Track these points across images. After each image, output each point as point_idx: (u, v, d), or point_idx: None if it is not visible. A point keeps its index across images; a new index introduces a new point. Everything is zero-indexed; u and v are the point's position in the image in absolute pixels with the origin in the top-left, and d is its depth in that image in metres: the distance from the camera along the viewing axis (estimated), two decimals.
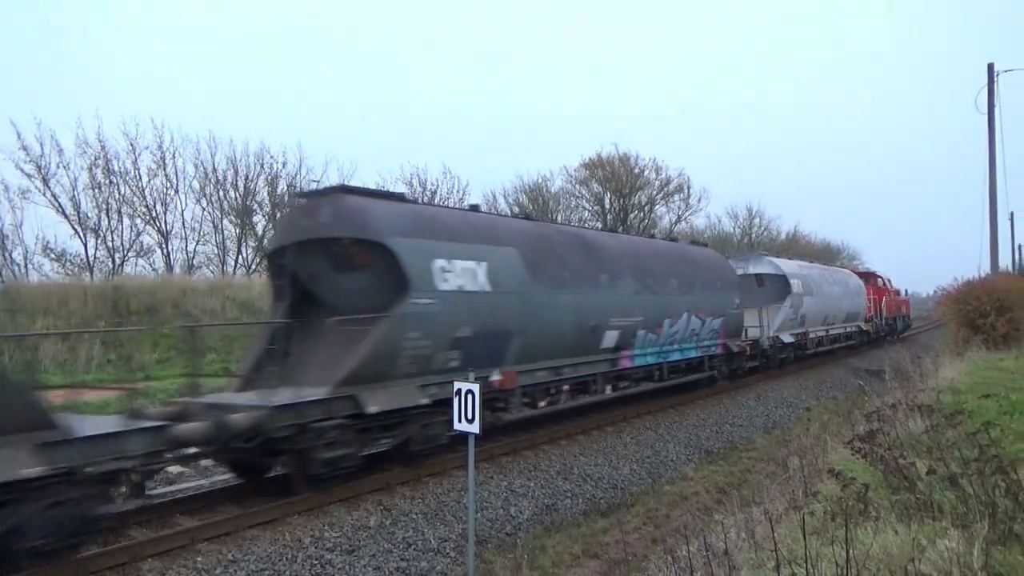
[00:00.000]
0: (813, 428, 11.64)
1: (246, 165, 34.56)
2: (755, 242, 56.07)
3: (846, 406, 15.11)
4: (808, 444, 9.30)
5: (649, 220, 47.92)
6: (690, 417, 15.84)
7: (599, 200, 47.36)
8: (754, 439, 14.85)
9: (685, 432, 14.57)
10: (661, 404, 16.31)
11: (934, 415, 6.23)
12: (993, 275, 23.71)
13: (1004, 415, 8.36)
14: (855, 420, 9.84)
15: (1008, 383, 11.13)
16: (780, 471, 8.65)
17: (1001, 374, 12.83)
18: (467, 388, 6.88)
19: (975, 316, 19.64)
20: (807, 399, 19.95)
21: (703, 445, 13.94)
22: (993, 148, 23.91)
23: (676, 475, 11.99)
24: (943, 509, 4.58)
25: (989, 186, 24.11)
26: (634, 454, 12.62)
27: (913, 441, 6.60)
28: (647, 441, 13.51)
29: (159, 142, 32.91)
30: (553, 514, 9.73)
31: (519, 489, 10.14)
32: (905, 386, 12.14)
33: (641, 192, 47.45)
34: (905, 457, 5.48)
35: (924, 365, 14.77)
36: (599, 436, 13.32)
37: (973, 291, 20.93)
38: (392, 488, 9.44)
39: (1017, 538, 4.19)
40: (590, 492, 10.69)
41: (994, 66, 23.99)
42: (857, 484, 4.80)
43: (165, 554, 7.03)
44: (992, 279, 22.72)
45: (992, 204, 24.11)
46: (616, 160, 46.78)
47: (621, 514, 9.85)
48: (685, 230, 50.37)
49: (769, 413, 17.62)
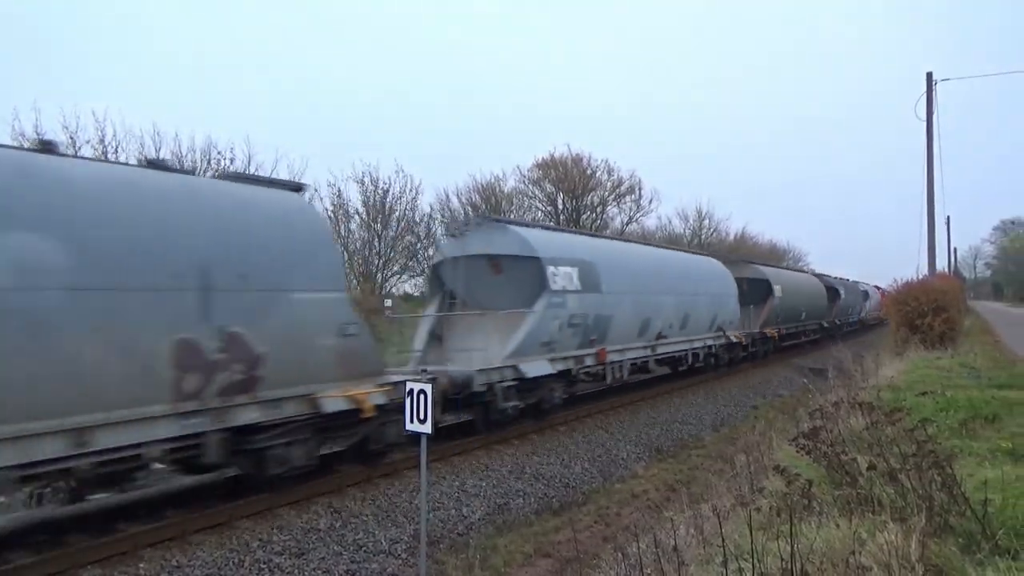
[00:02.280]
0: (760, 426, 11.89)
1: (192, 160, 33.75)
2: (704, 243, 57.01)
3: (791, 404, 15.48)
4: (755, 442, 9.50)
5: (601, 221, 48.36)
6: (641, 416, 16.04)
7: (552, 200, 47.60)
8: (703, 437, 15.10)
9: (636, 431, 14.75)
10: (612, 403, 16.50)
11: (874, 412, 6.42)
12: (931, 276, 24.46)
13: (940, 412, 8.66)
14: (800, 418, 10.09)
15: (944, 381, 11.53)
16: (728, 468, 8.82)
17: (938, 372, 13.27)
18: (419, 388, 6.80)
19: (914, 316, 20.24)
20: (754, 398, 20.38)
21: (653, 443, 14.13)
22: (931, 154, 24.70)
23: (627, 473, 12.12)
24: (883, 503, 4.72)
25: (927, 191, 24.97)
26: (586, 453, 12.72)
27: (855, 438, 6.79)
28: (599, 440, 13.63)
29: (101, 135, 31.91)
30: (505, 513, 9.74)
31: (471, 489, 10.13)
32: (847, 384, 12.47)
33: (593, 193, 47.87)
34: (847, 453, 5.63)
35: (866, 364, 15.19)
36: (552, 435, 13.39)
37: (912, 292, 21.55)
38: (343, 490, 9.35)
39: (952, 530, 4.35)
40: (542, 491, 10.74)
41: (932, 75, 24.78)
42: (801, 480, 4.92)
43: (106, 561, 6.83)
44: (929, 280, 23.43)
45: (930, 208, 24.98)
46: (569, 160, 47.08)
47: (573, 513, 9.92)
48: (636, 231, 51.01)
49: (718, 411, 17.95)
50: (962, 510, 4.44)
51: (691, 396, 19.08)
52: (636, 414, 16.18)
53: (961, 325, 23.75)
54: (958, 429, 7.87)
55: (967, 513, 4.38)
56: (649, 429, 15.10)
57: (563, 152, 47.33)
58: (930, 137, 24.64)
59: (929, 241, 25.57)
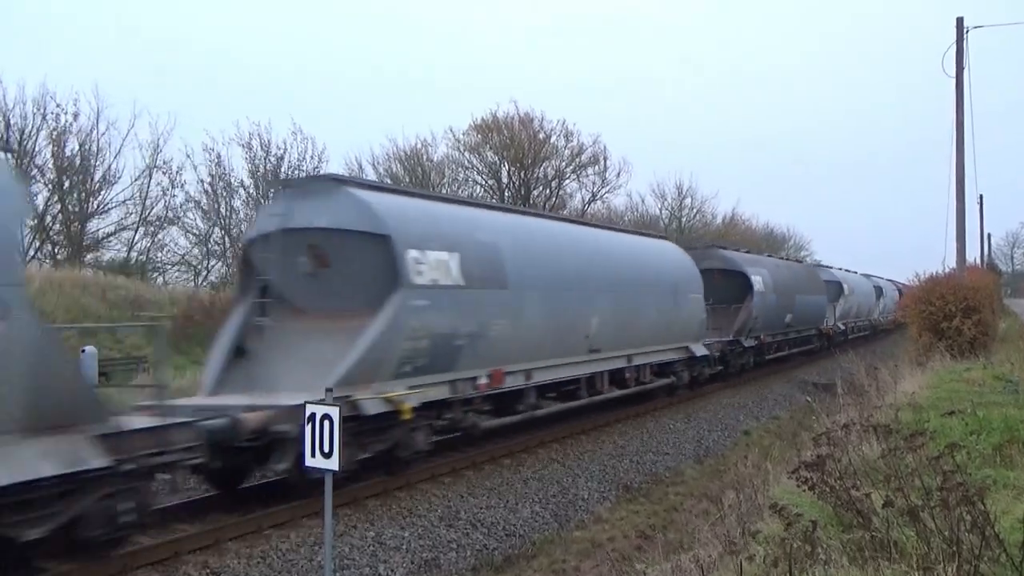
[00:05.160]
0: (753, 455, 12.13)
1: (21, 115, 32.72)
2: (686, 227, 57.91)
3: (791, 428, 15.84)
4: (747, 475, 9.68)
5: (557, 198, 48.60)
6: (606, 445, 16.19)
7: (495, 172, 47.62)
8: (683, 470, 15.33)
9: (599, 464, 14.88)
10: (570, 429, 16.59)
11: (892, 437, 6.61)
12: (959, 270, 24.94)
13: (970, 435, 8.96)
14: (801, 444, 10.32)
15: (975, 397, 11.91)
16: (714, 508, 8.96)
17: (968, 386, 13.70)
18: (323, 412, 6.75)
19: (939, 318, 20.84)
20: (746, 420, 20.78)
21: (621, 479, 14.28)
22: (961, 118, 25.15)
23: (588, 517, 12.21)
24: (902, 549, 4.85)
25: (956, 164, 25.19)
26: (536, 492, 12.78)
27: (868, 468, 6.98)
28: (552, 476, 13.71)
29: None
30: (435, 571, 9.72)
31: (390, 541, 10.07)
32: (859, 403, 12.81)
33: (547, 163, 48.01)
34: (859, 488, 5.78)
35: (881, 377, 15.62)
36: (492, 471, 13.40)
37: (937, 288, 22.15)
38: (221, 544, 9.18)
39: None
40: (481, 541, 10.74)
41: (963, 21, 25.33)
42: (803, 521, 5.03)
43: None
44: (958, 274, 24.03)
45: (959, 185, 25.22)
46: (516, 122, 47.09)
47: (520, 568, 9.94)
48: (601, 211, 51.44)
49: (701, 438, 18.25)
50: (996, 555, 4.58)
51: (668, 419, 19.35)
52: (600, 442, 16.32)
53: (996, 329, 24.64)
54: (992, 456, 8.14)
55: (1002, 559, 4.53)
56: (616, 461, 15.25)
57: (509, 111, 47.29)
58: (960, 96, 25.09)
59: (958, 227, 25.59)
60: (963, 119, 25.17)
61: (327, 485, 6.94)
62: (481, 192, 46.76)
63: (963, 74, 25.20)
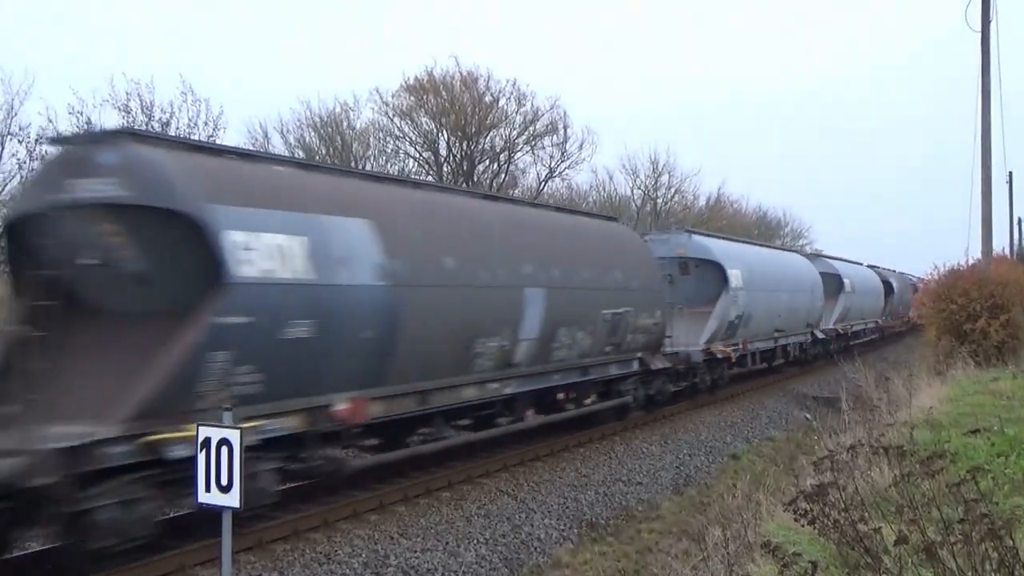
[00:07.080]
0: (742, 484, 12.25)
1: None
2: (662, 210, 58.33)
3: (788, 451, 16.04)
4: (735, 507, 9.78)
5: (507, 175, 48.56)
6: (566, 473, 16.22)
7: (431, 143, 47.38)
8: (659, 503, 15.43)
9: (558, 496, 14.91)
10: (522, 455, 16.59)
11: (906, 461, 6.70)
12: (985, 261, 25.29)
13: (998, 457, 9.14)
14: (800, 471, 10.44)
15: (1003, 412, 12.14)
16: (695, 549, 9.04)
17: (994, 399, 13.96)
18: (220, 437, 6.70)
19: (961, 319, 21.16)
20: (734, 442, 20.99)
21: (585, 514, 14.33)
22: (987, 83, 25.50)
23: (545, 561, 12.24)
24: None
25: (982, 136, 25.37)
26: (482, 532, 12.77)
27: (878, 498, 7.08)
28: (502, 511, 13.71)
29: None
30: None
31: None
32: (868, 420, 13.00)
33: (495, 132, 47.88)
34: (867, 521, 5.86)
35: (893, 389, 15.84)
36: (428, 506, 13.36)
37: (959, 284, 22.46)
38: None
39: None
40: None
41: None
42: (802, 562, 5.09)
43: None
44: (984, 267, 24.33)
45: (985, 160, 25.45)
46: (457, 82, 46.89)
47: None
48: (560, 191, 51.51)
49: (681, 463, 18.39)
50: None
51: (641, 441, 19.47)
52: (559, 470, 16.34)
53: None
54: (1022, 483, 8.30)
55: None
56: (578, 492, 15.30)
57: (448, 68, 47.06)
58: (986, 55, 25.45)
59: (984, 209, 25.97)
60: (989, 82, 25.49)
61: (225, 526, 6.86)
62: (414, 168, 46.53)
63: (989, 27, 25.51)
